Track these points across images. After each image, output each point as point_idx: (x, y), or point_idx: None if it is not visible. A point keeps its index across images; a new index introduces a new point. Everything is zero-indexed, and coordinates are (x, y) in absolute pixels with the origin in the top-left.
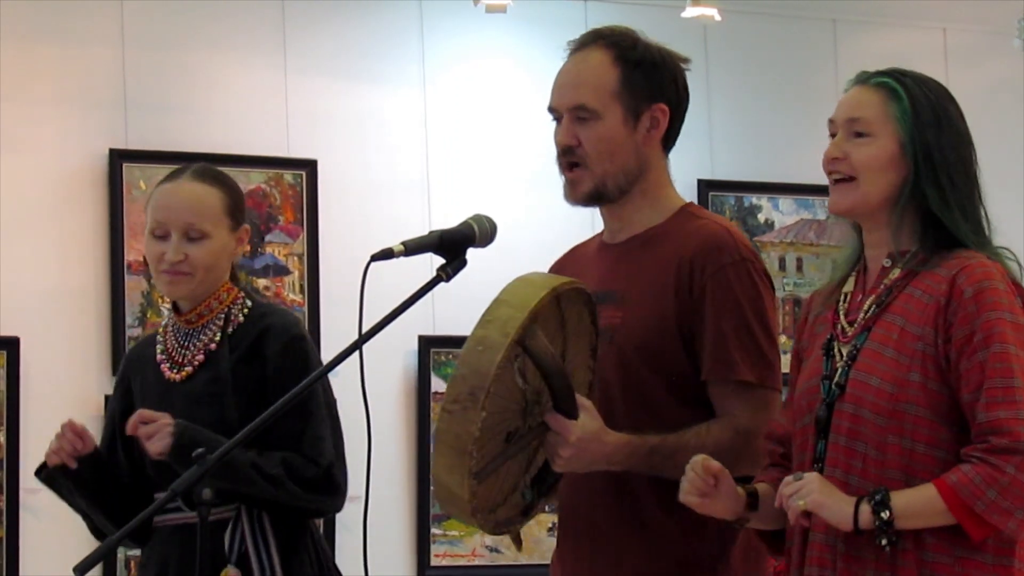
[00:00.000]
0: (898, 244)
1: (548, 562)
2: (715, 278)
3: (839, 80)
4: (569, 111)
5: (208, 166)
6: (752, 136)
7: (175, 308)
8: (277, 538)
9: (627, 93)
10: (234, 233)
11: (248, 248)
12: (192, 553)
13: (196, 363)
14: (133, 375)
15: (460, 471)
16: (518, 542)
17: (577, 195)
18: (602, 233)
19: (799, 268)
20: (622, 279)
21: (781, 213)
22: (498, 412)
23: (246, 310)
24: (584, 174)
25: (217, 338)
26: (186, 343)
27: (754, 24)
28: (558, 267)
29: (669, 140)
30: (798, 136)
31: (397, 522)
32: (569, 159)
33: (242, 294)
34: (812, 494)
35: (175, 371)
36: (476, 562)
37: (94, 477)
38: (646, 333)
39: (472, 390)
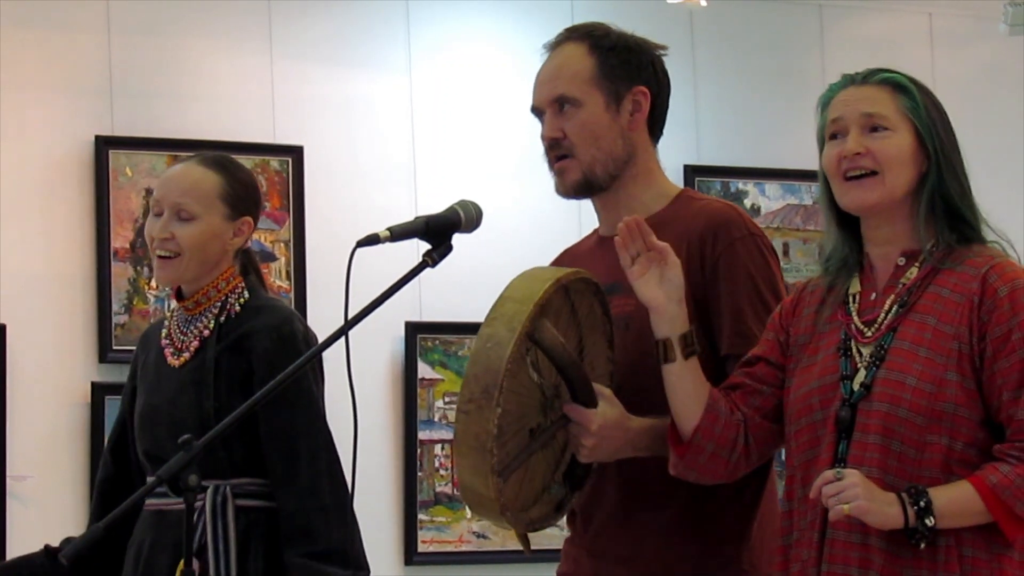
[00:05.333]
0: (920, 239)
1: (536, 548)
2: (726, 254)
3: (825, 65)
4: (550, 104)
5: (222, 155)
6: (738, 121)
7: (178, 294)
8: (237, 531)
9: (605, 79)
10: (230, 222)
11: (247, 242)
12: (163, 539)
13: (192, 349)
14: (140, 356)
15: (483, 470)
16: (526, 543)
17: (567, 185)
18: (596, 230)
19: (785, 253)
20: None
21: (767, 198)
22: (516, 409)
23: (243, 300)
24: (571, 163)
25: (211, 326)
26: (185, 329)
27: (740, 9)
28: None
29: (655, 127)
30: (784, 121)
31: (384, 508)
32: (556, 152)
33: (242, 284)
34: (858, 500)
35: (175, 356)
36: (463, 548)
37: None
38: None
39: (485, 388)
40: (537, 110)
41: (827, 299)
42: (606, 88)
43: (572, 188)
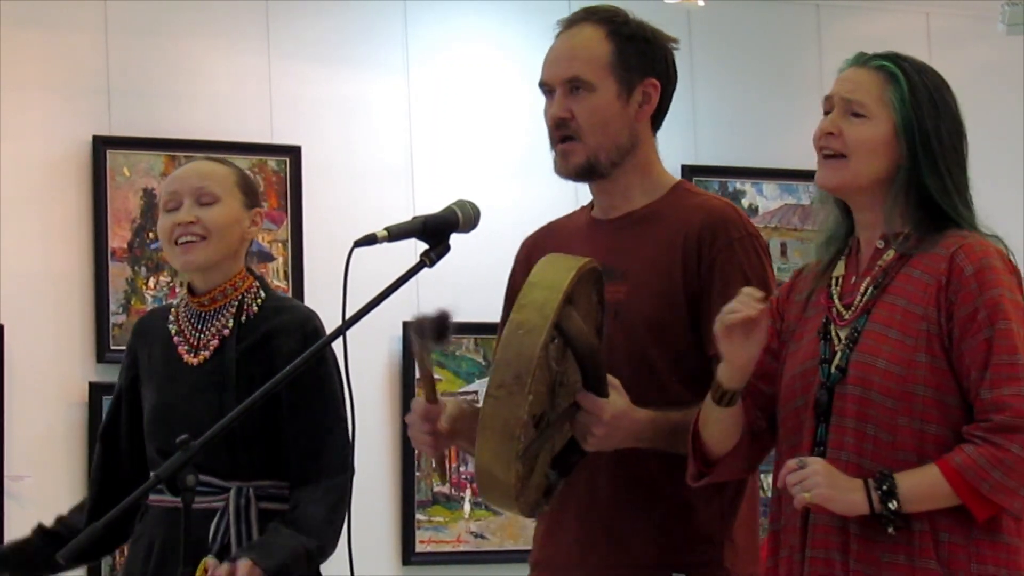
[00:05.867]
0: (891, 226)
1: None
2: (724, 252)
3: (823, 65)
4: (562, 84)
5: (222, 157)
6: (736, 121)
7: (190, 289)
8: (261, 531)
9: (621, 67)
10: (247, 211)
11: (257, 232)
12: (176, 537)
13: (212, 348)
14: (140, 347)
15: (507, 456)
16: (443, 473)
17: (569, 167)
18: (589, 209)
19: (783, 253)
20: (623, 255)
21: (765, 198)
22: (535, 395)
23: (260, 300)
24: (577, 146)
25: (230, 324)
26: (200, 326)
27: (737, 9)
28: (534, 242)
29: (657, 119)
30: (782, 121)
31: (382, 508)
32: (562, 132)
33: (257, 284)
34: (819, 487)
35: (192, 354)
36: (461, 548)
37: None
38: (654, 308)
39: (517, 374)
40: (546, 86)
41: (816, 283)
42: (620, 76)
43: (574, 171)
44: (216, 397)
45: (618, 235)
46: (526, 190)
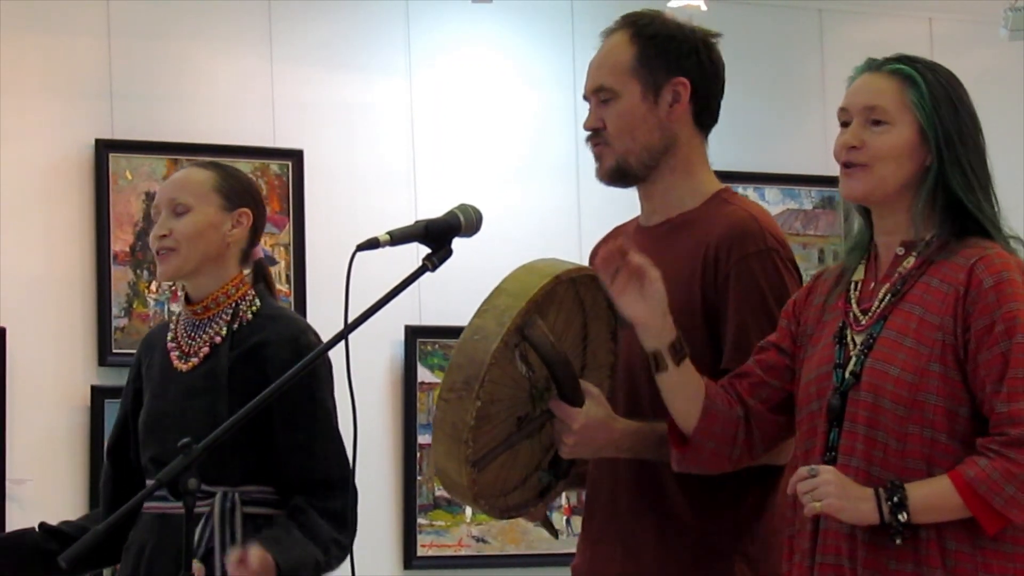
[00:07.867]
0: (916, 232)
1: (535, 552)
2: (739, 267)
3: (825, 70)
4: (593, 94)
5: (216, 159)
6: (738, 126)
7: (186, 299)
8: (246, 536)
9: (644, 69)
10: (227, 213)
11: (255, 242)
12: (165, 543)
13: (201, 355)
14: (144, 358)
15: (458, 458)
16: (552, 530)
17: (603, 171)
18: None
19: None
20: (656, 264)
21: (767, 203)
22: (501, 399)
23: (255, 308)
24: (606, 150)
25: (223, 332)
26: (194, 334)
27: (740, 14)
28: (596, 249)
29: (703, 118)
30: (784, 126)
31: (383, 512)
32: (595, 140)
33: (252, 292)
34: (829, 497)
35: (183, 361)
36: (462, 552)
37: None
38: (674, 320)
39: (467, 379)
40: (585, 98)
41: (835, 288)
42: (644, 78)
43: (607, 175)
44: (207, 403)
45: (652, 243)
46: (528, 194)
